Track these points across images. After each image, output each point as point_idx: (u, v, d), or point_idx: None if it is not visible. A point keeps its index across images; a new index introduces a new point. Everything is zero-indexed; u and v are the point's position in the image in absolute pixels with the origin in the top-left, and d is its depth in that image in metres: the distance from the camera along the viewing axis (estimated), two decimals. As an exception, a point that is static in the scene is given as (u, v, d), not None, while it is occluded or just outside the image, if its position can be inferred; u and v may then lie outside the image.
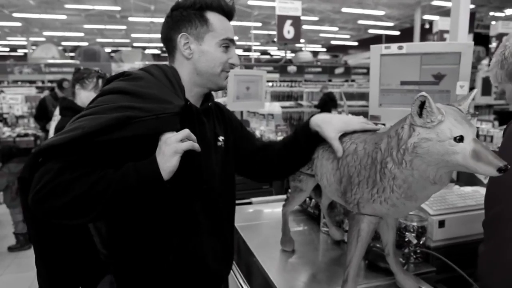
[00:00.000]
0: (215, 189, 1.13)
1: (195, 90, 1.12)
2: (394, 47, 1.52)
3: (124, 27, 17.78)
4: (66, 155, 0.90)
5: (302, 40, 21.44)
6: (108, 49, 20.63)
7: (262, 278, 1.31)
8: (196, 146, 0.96)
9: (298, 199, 1.39)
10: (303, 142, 1.19)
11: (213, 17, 1.09)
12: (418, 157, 0.87)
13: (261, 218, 1.78)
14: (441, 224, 1.34)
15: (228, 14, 1.12)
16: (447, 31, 4.51)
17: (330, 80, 13.52)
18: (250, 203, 2.06)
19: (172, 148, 0.92)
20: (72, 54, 19.08)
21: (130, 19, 15.54)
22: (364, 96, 10.13)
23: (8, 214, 3.97)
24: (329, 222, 1.55)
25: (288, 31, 3.53)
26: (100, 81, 2.51)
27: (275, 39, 3.54)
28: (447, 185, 1.52)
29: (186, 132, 0.95)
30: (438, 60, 1.48)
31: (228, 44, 1.10)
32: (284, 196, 1.98)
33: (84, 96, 2.49)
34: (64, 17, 15.63)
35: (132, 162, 0.92)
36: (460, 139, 0.82)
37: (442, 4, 13.64)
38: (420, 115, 0.86)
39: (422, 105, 0.85)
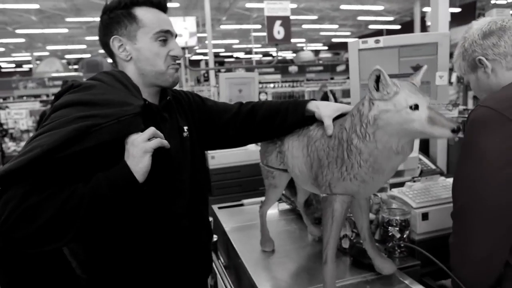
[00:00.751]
0: (188, 180, 1.13)
1: (147, 90, 1.09)
2: (371, 42, 1.52)
3: (125, 37, 17.93)
4: (28, 178, 0.84)
5: (302, 40, 21.41)
6: (110, 60, 20.83)
7: (247, 279, 1.31)
8: (165, 142, 0.94)
9: (273, 196, 1.40)
10: (290, 121, 1.19)
11: (142, 12, 1.05)
12: (379, 129, 0.91)
13: (251, 219, 1.77)
14: (425, 216, 1.33)
15: (159, 5, 1.08)
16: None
17: (332, 78, 13.49)
18: (241, 205, 2.06)
19: (140, 148, 0.90)
20: (75, 66, 19.32)
21: (131, 28, 15.66)
22: (366, 92, 10.10)
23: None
24: (306, 219, 1.56)
25: (278, 31, 3.51)
26: None
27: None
28: (432, 177, 1.51)
29: (152, 130, 0.93)
30: (415, 51, 1.47)
31: (165, 36, 1.06)
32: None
33: None
34: (65, 30, 15.83)
35: (101, 172, 0.89)
36: (415, 107, 0.88)
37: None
38: (377, 89, 0.91)
39: (378, 80, 0.90)
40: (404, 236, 1.31)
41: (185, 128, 1.17)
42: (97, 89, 0.97)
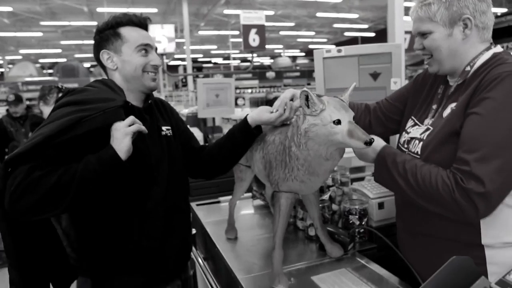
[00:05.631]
0: (165, 173, 1.28)
1: (132, 95, 1.27)
2: (334, 51, 1.68)
3: (102, 41, 17.76)
4: (33, 159, 1.04)
5: (280, 46, 21.76)
6: (87, 64, 20.54)
7: (223, 265, 1.44)
8: (142, 128, 1.12)
9: (241, 189, 1.58)
10: (241, 139, 1.34)
11: (126, 31, 1.25)
12: (310, 139, 1.06)
13: (226, 215, 1.91)
14: (381, 206, 1.50)
15: (140, 24, 1.28)
16: (409, 32, 4.74)
17: (309, 84, 13.76)
18: (218, 202, 2.18)
19: (122, 132, 1.08)
20: (50, 70, 18.95)
21: (108, 33, 15.55)
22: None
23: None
24: (273, 210, 1.71)
25: (254, 39, 3.70)
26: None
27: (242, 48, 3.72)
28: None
29: (131, 117, 1.11)
30: (373, 60, 1.64)
31: (145, 48, 1.26)
32: (250, 194, 2.13)
33: (48, 111, 2.69)
34: (40, 34, 15.58)
35: (91, 154, 1.08)
36: (338, 122, 1.02)
37: (411, 4, 14.04)
38: (308, 106, 1.05)
39: (307, 98, 1.04)
40: (363, 223, 1.47)
41: (165, 128, 1.34)
42: (88, 91, 1.19)
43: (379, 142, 1.16)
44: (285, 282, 1.18)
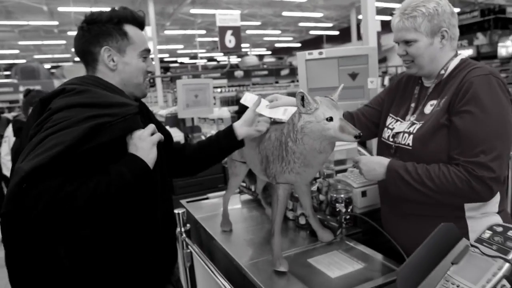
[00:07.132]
0: (158, 175, 1.23)
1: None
2: (315, 53, 1.82)
3: (63, 41, 17.18)
4: (56, 173, 0.91)
5: (247, 45, 21.89)
6: (47, 65, 19.74)
7: (223, 255, 1.54)
8: (162, 136, 1.13)
9: (235, 184, 1.69)
10: (228, 149, 1.43)
11: (131, 30, 1.19)
12: (306, 135, 1.18)
13: (216, 209, 2.00)
14: (364, 194, 1.65)
15: (141, 25, 1.24)
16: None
17: (277, 82, 14.01)
18: (207, 198, 2.27)
19: (148, 141, 1.07)
20: (7, 72, 18.06)
21: (70, 33, 15.07)
22: (309, 95, 10.66)
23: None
24: (264, 203, 1.88)
25: (230, 40, 3.80)
26: None
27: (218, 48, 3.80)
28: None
29: (153, 126, 1.10)
30: (351, 61, 1.80)
31: (146, 54, 1.23)
32: (237, 190, 2.24)
33: None
34: (-5, 34, 14.86)
35: (117, 164, 1.01)
36: (330, 119, 1.14)
37: (379, 4, 14.56)
38: (304, 105, 1.17)
39: (303, 98, 1.16)
40: (349, 210, 1.62)
41: None
42: (93, 93, 1.07)
43: (381, 159, 1.32)
44: (286, 264, 1.30)
